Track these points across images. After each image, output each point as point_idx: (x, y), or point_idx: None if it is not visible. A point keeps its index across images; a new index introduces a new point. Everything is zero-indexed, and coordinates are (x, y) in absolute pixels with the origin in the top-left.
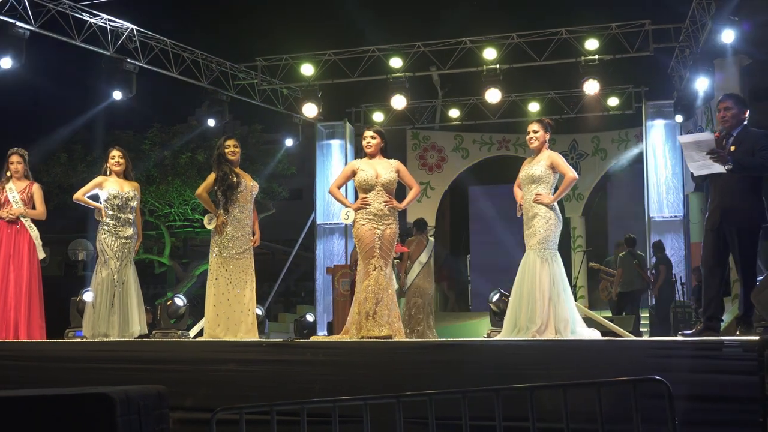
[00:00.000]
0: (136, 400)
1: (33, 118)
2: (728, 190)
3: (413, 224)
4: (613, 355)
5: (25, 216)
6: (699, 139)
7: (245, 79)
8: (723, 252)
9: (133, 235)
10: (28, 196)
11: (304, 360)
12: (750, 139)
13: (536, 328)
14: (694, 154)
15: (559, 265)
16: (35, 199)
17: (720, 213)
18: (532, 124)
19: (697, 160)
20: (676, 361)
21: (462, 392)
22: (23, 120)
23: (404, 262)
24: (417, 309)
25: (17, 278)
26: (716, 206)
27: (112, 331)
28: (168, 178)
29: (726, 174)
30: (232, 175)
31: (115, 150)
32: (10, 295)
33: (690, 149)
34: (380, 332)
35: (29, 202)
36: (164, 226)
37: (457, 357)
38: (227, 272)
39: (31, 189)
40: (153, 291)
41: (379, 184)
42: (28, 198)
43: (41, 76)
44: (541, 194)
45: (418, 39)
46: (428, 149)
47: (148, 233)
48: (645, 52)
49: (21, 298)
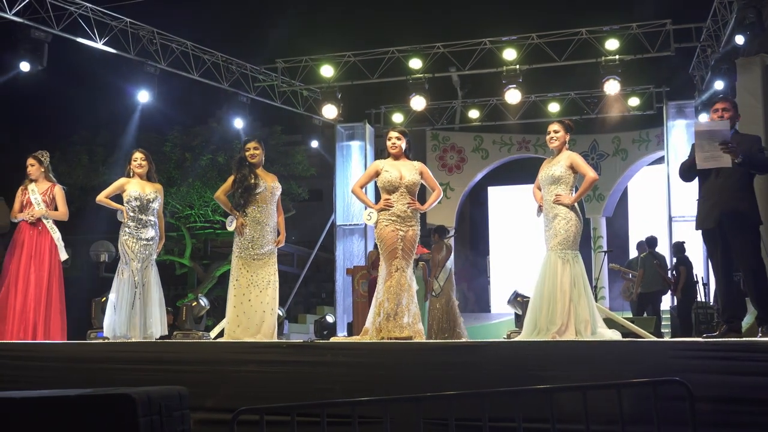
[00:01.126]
0: (158, 400)
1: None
2: (727, 188)
3: (435, 231)
4: (634, 357)
5: (46, 217)
6: (714, 128)
7: (265, 80)
8: (730, 251)
9: (155, 236)
10: (50, 198)
11: (324, 361)
12: (746, 142)
13: (556, 329)
14: (705, 144)
15: (580, 265)
16: (57, 201)
17: (719, 213)
18: (553, 124)
19: (706, 151)
20: (698, 363)
21: (481, 394)
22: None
23: (434, 268)
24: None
25: (38, 279)
26: (714, 205)
27: (133, 332)
28: (189, 180)
29: (725, 172)
30: (250, 177)
31: (138, 152)
32: (30, 296)
33: (702, 138)
34: (401, 333)
35: (51, 203)
36: (185, 228)
37: (477, 358)
38: (248, 273)
39: (53, 191)
40: (174, 292)
41: (403, 185)
42: (50, 200)
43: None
44: (561, 195)
45: (438, 40)
46: (448, 150)
47: (169, 234)
48: (666, 52)
49: (41, 299)
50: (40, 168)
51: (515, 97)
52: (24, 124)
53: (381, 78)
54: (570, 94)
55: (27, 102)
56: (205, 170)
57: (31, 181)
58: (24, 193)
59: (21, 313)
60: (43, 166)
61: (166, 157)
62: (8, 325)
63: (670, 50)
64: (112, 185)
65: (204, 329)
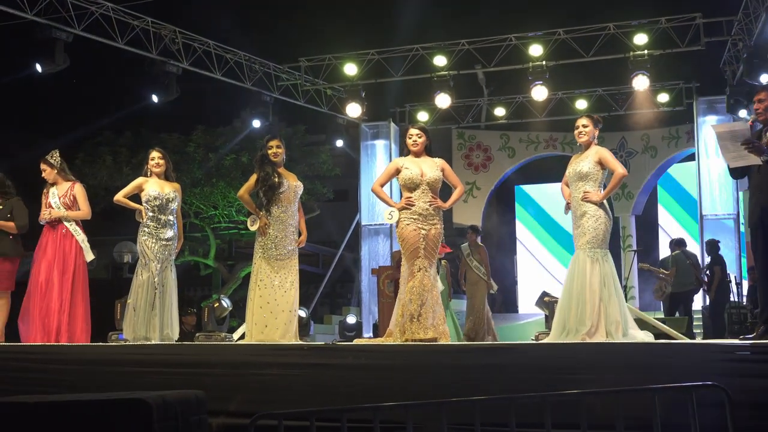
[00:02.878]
0: (174, 405)
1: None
2: (765, 186)
3: (472, 230)
4: (667, 359)
5: (67, 219)
6: (733, 128)
7: (288, 79)
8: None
9: (174, 237)
10: (71, 199)
11: (346, 364)
12: None
13: (586, 331)
14: (729, 144)
15: (610, 264)
16: (78, 200)
17: (760, 210)
18: (582, 118)
19: (731, 151)
20: (735, 366)
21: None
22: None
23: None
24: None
25: (62, 283)
26: (756, 203)
27: (153, 334)
28: (212, 180)
29: (763, 169)
30: (273, 175)
31: (155, 151)
32: (54, 300)
33: (724, 139)
34: (425, 335)
35: (73, 204)
36: (209, 228)
37: (504, 360)
38: (272, 273)
39: (73, 190)
40: (200, 293)
41: (424, 182)
42: (71, 201)
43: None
44: (589, 192)
45: (463, 37)
46: (474, 149)
47: (193, 235)
48: (696, 47)
49: (64, 303)
50: (53, 171)
51: (542, 93)
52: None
53: (405, 76)
54: (597, 91)
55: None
56: (229, 170)
57: (52, 184)
58: (45, 197)
59: (44, 318)
60: (55, 167)
61: (189, 157)
62: (32, 329)
63: (700, 44)
64: (129, 185)
65: (228, 330)
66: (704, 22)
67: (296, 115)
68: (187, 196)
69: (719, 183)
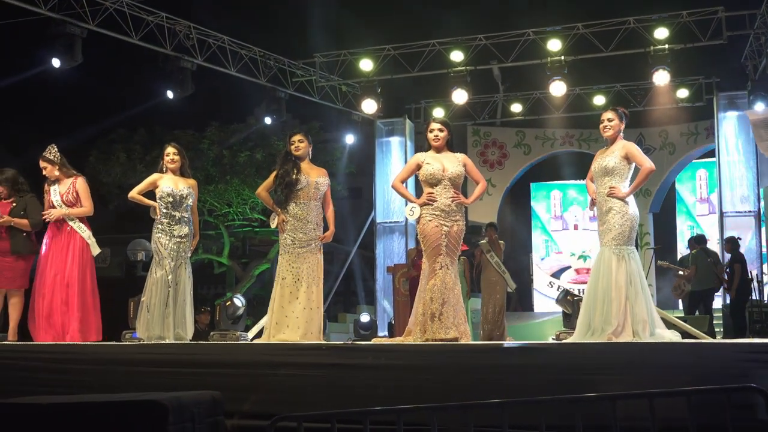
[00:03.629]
0: (190, 406)
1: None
2: None
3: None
4: (697, 360)
5: (69, 217)
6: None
7: (303, 76)
8: None
9: (189, 234)
10: (74, 196)
11: (366, 364)
12: None
13: (612, 330)
14: (763, 132)
15: (636, 262)
16: (80, 196)
17: None
18: (607, 112)
19: (765, 140)
20: None
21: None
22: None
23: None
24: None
25: (66, 281)
26: None
27: (167, 333)
28: (226, 177)
29: None
30: (293, 172)
31: (171, 147)
32: (57, 299)
33: (759, 127)
34: (447, 335)
35: (76, 200)
36: (223, 226)
37: (528, 361)
38: (293, 269)
39: (75, 187)
40: (214, 291)
41: (446, 178)
42: (74, 197)
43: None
44: (615, 187)
45: (480, 31)
46: (489, 146)
47: (208, 233)
48: (718, 41)
49: (70, 301)
50: (53, 167)
51: (560, 89)
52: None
53: (421, 72)
54: (616, 86)
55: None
56: (243, 167)
57: (53, 182)
58: (47, 194)
59: (48, 317)
60: (55, 164)
61: (203, 154)
62: (38, 329)
63: (722, 39)
64: (144, 181)
65: (243, 329)
66: (726, 16)
67: (311, 112)
68: (200, 194)
69: (740, 179)
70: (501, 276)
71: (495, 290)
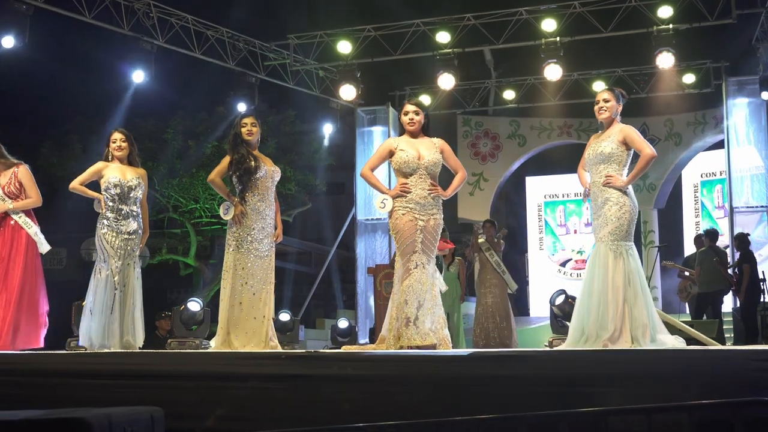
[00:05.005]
0: (122, 424)
1: (44, 106)
2: None
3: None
4: (704, 369)
5: (14, 211)
6: None
7: (276, 59)
8: None
9: (138, 230)
10: (17, 187)
11: (331, 375)
12: None
13: (608, 336)
14: None
15: (635, 259)
16: (25, 186)
17: None
18: (603, 92)
19: None
20: None
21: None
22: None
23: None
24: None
25: (5, 282)
26: None
27: (111, 340)
28: (192, 170)
29: None
30: (249, 157)
31: (117, 132)
32: None
33: None
34: (423, 341)
35: (20, 191)
36: (189, 224)
37: (514, 371)
38: (244, 271)
39: (17, 177)
40: (182, 295)
41: (422, 166)
42: (17, 188)
43: (48, 59)
44: (612, 176)
45: (468, 10)
46: (481, 137)
47: (173, 231)
48: (726, 20)
49: (10, 304)
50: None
51: (555, 72)
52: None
53: (405, 54)
54: (617, 71)
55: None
56: (210, 159)
57: None
58: None
59: None
60: None
61: (167, 144)
62: None
63: (731, 17)
64: (87, 170)
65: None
66: None
67: (285, 99)
68: (165, 188)
69: (750, 172)
70: (501, 277)
71: (494, 293)
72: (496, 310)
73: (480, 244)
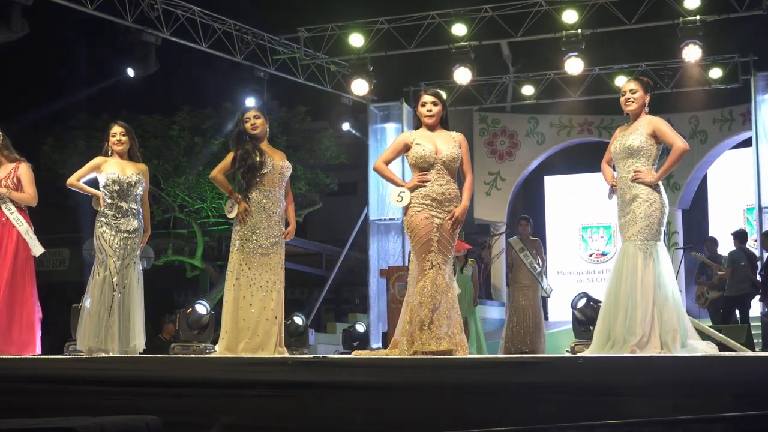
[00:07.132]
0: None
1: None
2: None
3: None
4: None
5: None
6: None
7: (286, 53)
8: None
9: (138, 228)
10: (15, 182)
11: (341, 382)
12: None
13: (636, 341)
14: None
15: (666, 260)
16: (23, 182)
17: None
18: (629, 82)
19: None
20: None
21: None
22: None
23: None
24: None
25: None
26: None
27: (111, 344)
28: (199, 168)
29: None
30: (254, 153)
31: (117, 126)
32: None
33: None
34: (438, 346)
35: (17, 187)
36: (196, 224)
37: (536, 378)
38: (250, 271)
39: (16, 172)
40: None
41: (439, 161)
42: (15, 184)
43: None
44: (641, 171)
45: (485, 2)
46: (498, 134)
47: (179, 232)
48: (756, 11)
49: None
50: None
51: (577, 66)
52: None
53: (419, 48)
54: (640, 66)
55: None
56: (217, 156)
57: None
58: None
59: None
60: None
61: (173, 142)
62: None
63: (761, 8)
64: (86, 165)
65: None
66: None
67: (295, 95)
68: (170, 187)
69: None
70: (536, 279)
71: (527, 295)
72: (528, 313)
73: (512, 243)
